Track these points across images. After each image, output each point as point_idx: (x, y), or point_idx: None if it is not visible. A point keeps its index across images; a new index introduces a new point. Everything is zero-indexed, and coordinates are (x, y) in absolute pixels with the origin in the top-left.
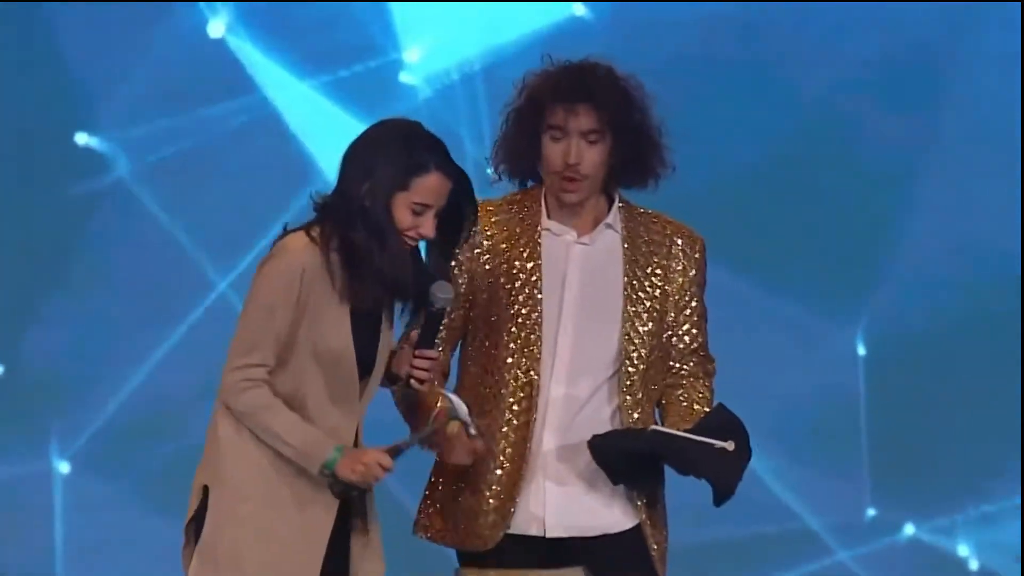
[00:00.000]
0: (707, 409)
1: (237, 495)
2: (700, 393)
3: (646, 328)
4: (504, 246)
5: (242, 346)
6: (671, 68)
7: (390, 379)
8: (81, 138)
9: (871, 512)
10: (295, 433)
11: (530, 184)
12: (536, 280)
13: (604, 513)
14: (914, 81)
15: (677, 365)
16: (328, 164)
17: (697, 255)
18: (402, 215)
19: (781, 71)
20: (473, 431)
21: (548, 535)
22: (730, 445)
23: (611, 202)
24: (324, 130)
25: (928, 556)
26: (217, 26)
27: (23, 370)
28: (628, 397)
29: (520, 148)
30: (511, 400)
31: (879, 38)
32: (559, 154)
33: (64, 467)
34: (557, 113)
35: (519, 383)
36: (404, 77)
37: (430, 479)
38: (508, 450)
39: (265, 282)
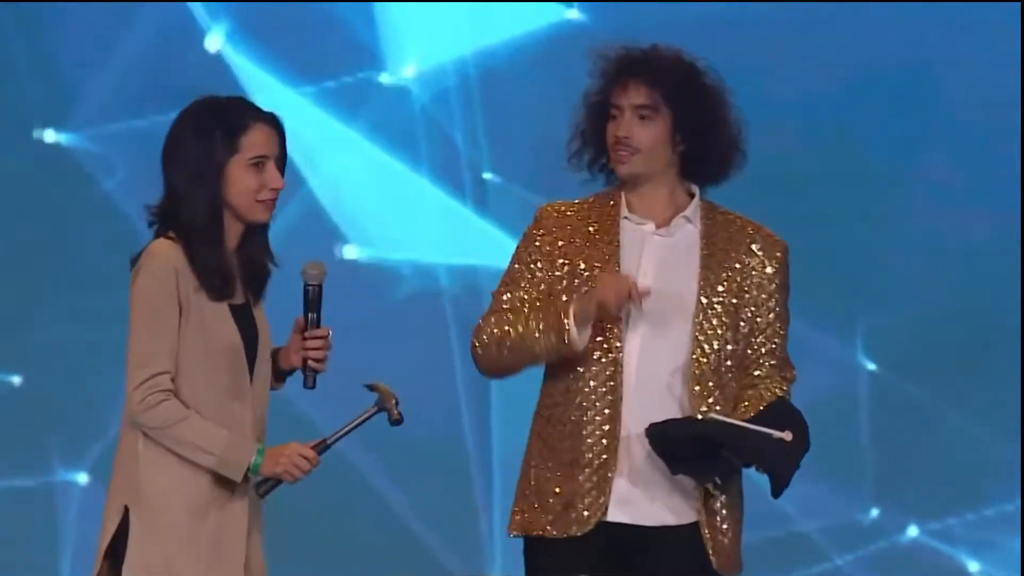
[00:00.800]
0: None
1: (160, 507)
2: (771, 393)
3: (719, 323)
4: (588, 237)
5: (138, 360)
6: None
7: (278, 376)
8: (49, 135)
9: (874, 514)
10: (214, 442)
11: (606, 186)
12: (616, 268)
13: (663, 505)
14: (914, 81)
15: (754, 369)
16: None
17: (778, 257)
18: (246, 179)
19: (778, 74)
20: (395, 418)
21: (609, 519)
22: (788, 436)
23: (691, 197)
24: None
25: (930, 559)
26: (215, 39)
27: (40, 379)
28: (697, 387)
29: (589, 132)
30: (594, 384)
31: (878, 38)
32: (613, 129)
33: (83, 478)
34: (615, 92)
35: (603, 369)
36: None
37: (522, 479)
38: (598, 434)
39: (144, 291)
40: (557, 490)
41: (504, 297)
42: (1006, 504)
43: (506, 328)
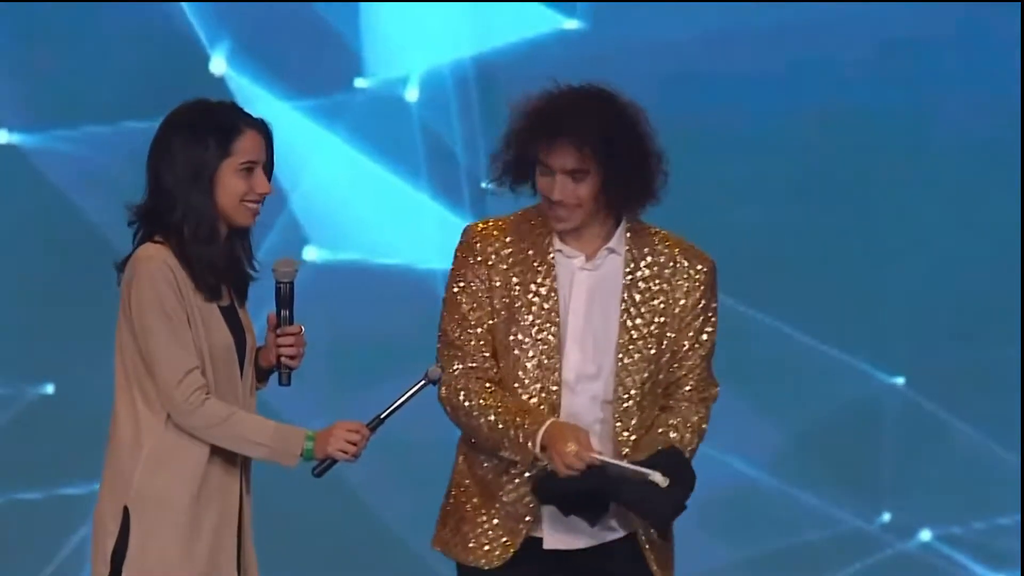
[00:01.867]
0: (688, 435)
1: (163, 506)
2: (686, 420)
3: (643, 355)
4: (520, 267)
5: (168, 362)
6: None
7: (260, 375)
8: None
9: (886, 518)
10: (265, 433)
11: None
12: (553, 303)
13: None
14: (914, 82)
15: (675, 388)
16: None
17: (701, 278)
18: (235, 183)
19: (778, 78)
20: None
21: (545, 547)
22: (663, 480)
23: (618, 224)
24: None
25: (940, 564)
26: (219, 62)
27: (73, 388)
28: (620, 423)
29: (516, 173)
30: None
31: (879, 38)
32: (546, 188)
33: None
34: (542, 149)
35: (541, 403)
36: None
37: (448, 495)
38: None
39: (147, 296)
40: (482, 518)
41: (456, 335)
42: (1017, 512)
43: (474, 422)
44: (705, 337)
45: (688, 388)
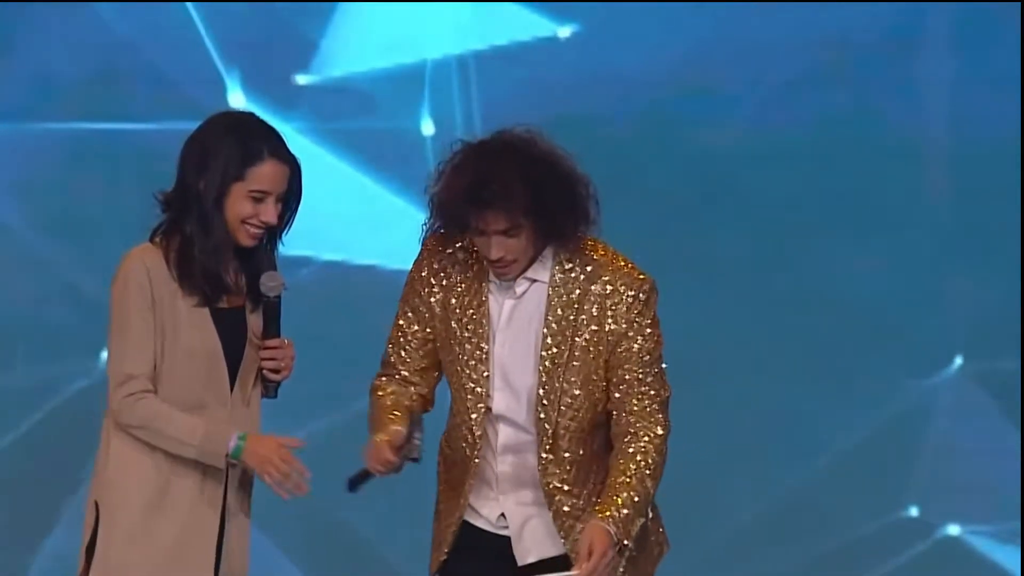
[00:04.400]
0: (649, 460)
1: (119, 505)
2: (640, 450)
3: (565, 377)
4: (462, 294)
5: (117, 364)
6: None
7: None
8: None
9: (913, 513)
10: (193, 433)
11: None
12: (483, 333)
13: (547, 539)
14: (913, 82)
15: (619, 408)
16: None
17: (633, 297)
18: (242, 205)
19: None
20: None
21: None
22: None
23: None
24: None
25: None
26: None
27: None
28: (544, 454)
29: (452, 230)
30: (465, 447)
31: (878, 38)
32: (483, 248)
33: None
34: (472, 218)
35: (473, 431)
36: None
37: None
38: (467, 484)
39: (117, 296)
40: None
41: (390, 358)
42: None
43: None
44: (645, 355)
45: (635, 403)
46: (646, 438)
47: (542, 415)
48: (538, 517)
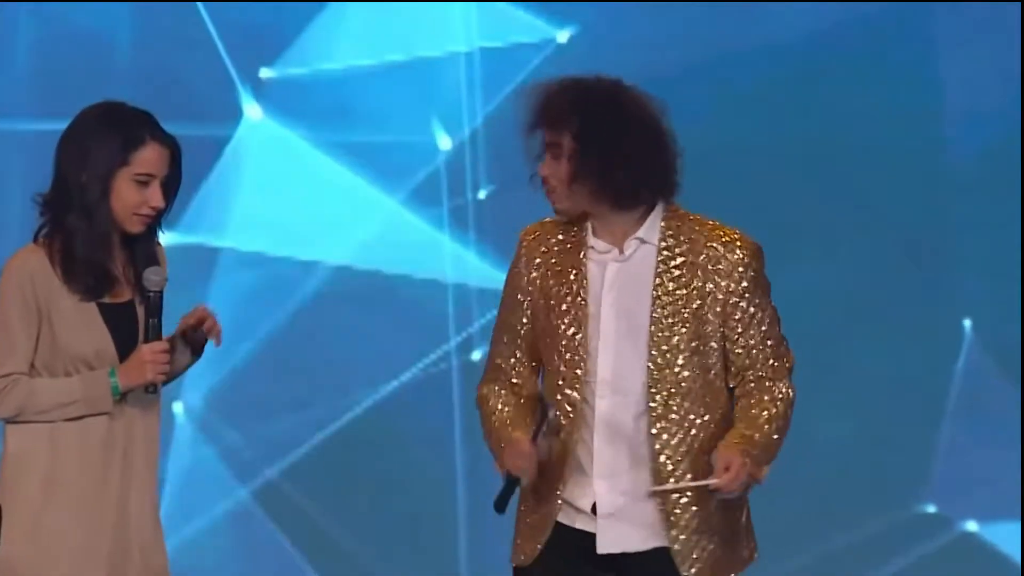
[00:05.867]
0: (776, 411)
1: (18, 501)
2: (765, 403)
3: (676, 342)
4: (559, 268)
5: None
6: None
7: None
8: None
9: (931, 509)
10: (72, 390)
11: None
12: (582, 301)
13: (637, 531)
14: (913, 81)
15: (742, 374)
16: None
17: (742, 261)
18: (128, 191)
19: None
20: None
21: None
22: (714, 481)
23: (649, 214)
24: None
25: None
26: (253, 108)
27: None
28: (654, 415)
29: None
30: (569, 413)
31: (878, 38)
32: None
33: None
34: (531, 121)
35: (567, 402)
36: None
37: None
38: (565, 470)
39: (1, 301)
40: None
41: (496, 360)
42: None
43: (483, 425)
44: (760, 318)
45: (758, 369)
46: (770, 396)
47: (653, 377)
48: (633, 506)
